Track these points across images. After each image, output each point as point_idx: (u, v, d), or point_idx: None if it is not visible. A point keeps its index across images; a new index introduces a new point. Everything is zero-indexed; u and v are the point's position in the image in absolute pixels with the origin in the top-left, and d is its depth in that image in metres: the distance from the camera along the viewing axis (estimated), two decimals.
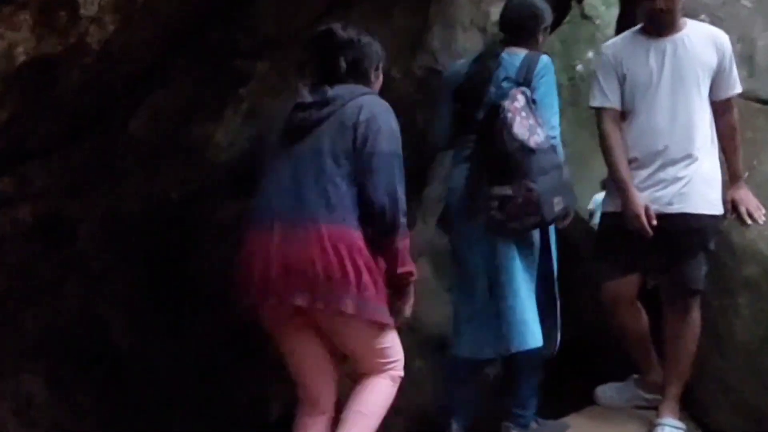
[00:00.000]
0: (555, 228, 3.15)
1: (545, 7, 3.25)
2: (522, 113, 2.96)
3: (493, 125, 2.98)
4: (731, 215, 3.24)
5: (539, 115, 3.02)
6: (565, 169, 3.06)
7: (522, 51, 3.16)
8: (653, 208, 3.09)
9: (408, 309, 2.68)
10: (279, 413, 3.96)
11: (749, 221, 3.22)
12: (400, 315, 2.68)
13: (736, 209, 3.24)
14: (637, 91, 3.18)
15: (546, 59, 3.17)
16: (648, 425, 3.31)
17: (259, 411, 3.97)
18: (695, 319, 3.19)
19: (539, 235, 3.11)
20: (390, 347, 2.68)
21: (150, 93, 3.20)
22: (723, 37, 3.22)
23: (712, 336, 3.24)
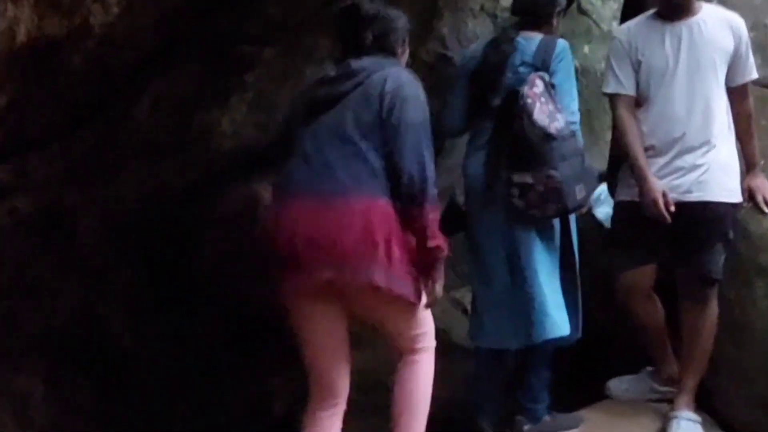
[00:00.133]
0: (575, 215, 3.11)
1: None
2: (541, 99, 2.92)
3: (512, 111, 2.94)
4: (747, 203, 3.21)
5: (558, 101, 2.98)
6: (587, 156, 3.02)
7: (537, 35, 3.13)
8: (671, 196, 3.04)
9: (439, 287, 2.62)
10: (282, 411, 3.91)
11: (766, 209, 3.19)
12: (430, 294, 2.61)
13: (752, 197, 3.20)
14: (653, 78, 3.14)
15: (563, 43, 3.13)
16: (662, 418, 3.26)
17: (262, 409, 3.90)
18: (713, 310, 3.15)
19: (560, 223, 3.07)
20: (422, 318, 2.64)
21: (153, 80, 3.13)
22: (739, 21, 3.18)
23: (728, 327, 3.19)
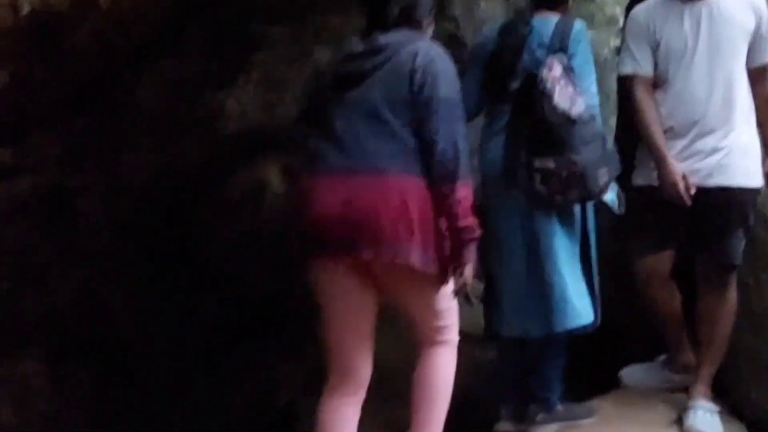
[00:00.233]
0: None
1: None
2: (561, 82, 2.85)
3: (531, 95, 2.87)
4: (767, 188, 3.13)
5: (578, 84, 2.91)
6: (609, 139, 2.96)
7: (554, 16, 3.04)
8: (691, 181, 2.97)
9: (469, 270, 2.56)
10: (286, 401, 3.87)
11: None
12: (461, 276, 2.55)
13: None
14: (672, 58, 3.07)
15: (580, 24, 3.05)
16: (678, 408, 3.20)
17: (266, 398, 3.86)
18: (732, 297, 3.09)
19: (580, 208, 3.01)
20: (448, 309, 2.60)
21: (159, 59, 3.09)
22: (760, 0, 3.10)
23: (746, 314, 3.13)
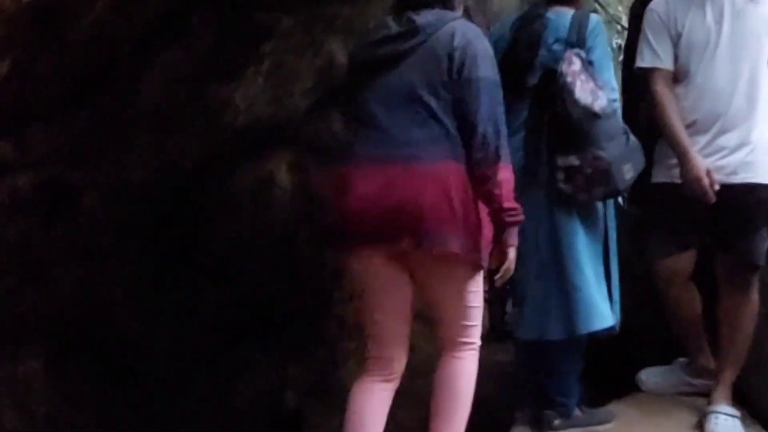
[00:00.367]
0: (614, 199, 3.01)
1: None
2: (581, 77, 2.81)
3: (550, 91, 2.83)
4: None
5: (598, 78, 2.87)
6: (631, 134, 2.90)
7: (569, 10, 3.00)
8: (716, 178, 2.89)
9: (513, 253, 2.52)
10: (295, 403, 3.84)
11: None
12: (505, 260, 2.52)
13: None
14: (694, 51, 3.00)
15: (597, 18, 3.02)
16: (698, 413, 3.12)
17: (274, 400, 3.83)
18: (754, 298, 3.02)
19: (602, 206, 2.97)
20: (477, 308, 2.56)
21: (164, 50, 3.01)
22: None
23: (766, 316, 3.07)
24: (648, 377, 3.31)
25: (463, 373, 2.54)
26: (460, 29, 2.47)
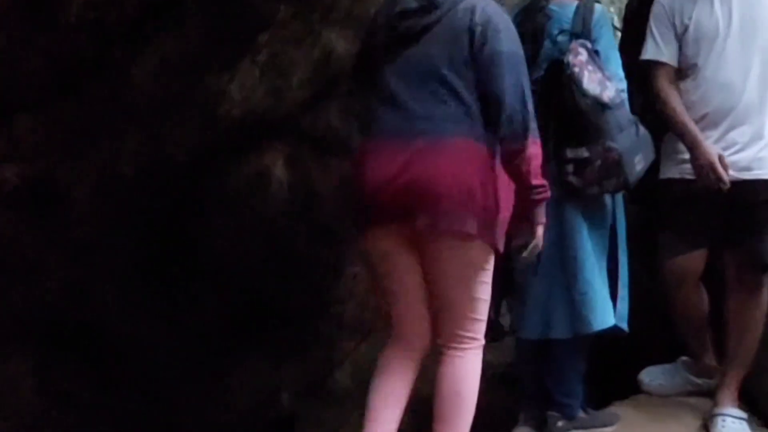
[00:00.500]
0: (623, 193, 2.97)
1: None
2: (588, 67, 2.80)
3: (557, 83, 2.81)
4: None
5: (605, 68, 2.85)
6: (640, 125, 2.86)
7: (572, 1, 3.00)
8: (729, 173, 2.87)
9: (541, 231, 2.47)
10: (289, 404, 3.77)
11: None
12: (533, 238, 2.47)
13: None
14: (703, 43, 2.97)
15: (601, 8, 3.01)
16: (703, 415, 3.11)
17: (269, 401, 3.74)
18: (763, 300, 3.00)
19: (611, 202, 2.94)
20: (484, 301, 2.50)
21: (157, 38, 2.91)
22: None
23: None
24: (651, 378, 3.29)
25: (467, 374, 2.47)
26: (479, 4, 2.44)
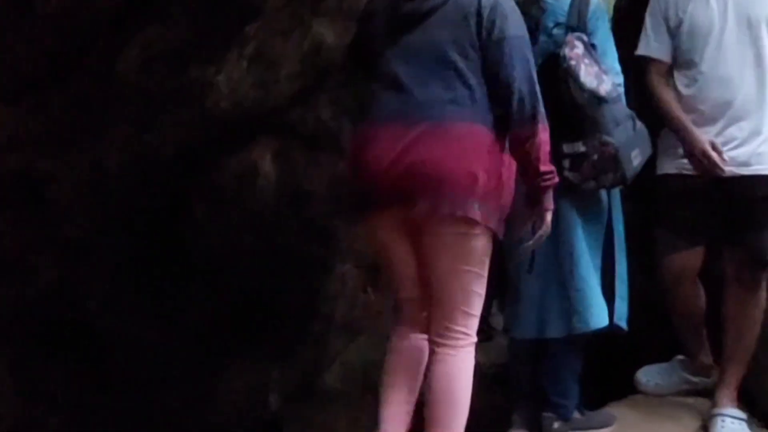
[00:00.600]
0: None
1: None
2: (585, 60, 2.77)
3: (553, 76, 2.76)
4: None
5: (602, 62, 2.83)
6: (637, 119, 2.85)
7: None
8: (727, 169, 2.86)
9: (549, 217, 2.45)
10: (279, 404, 3.72)
11: None
12: (540, 225, 2.45)
13: None
14: (698, 38, 2.96)
15: (597, 0, 2.96)
16: (702, 415, 3.06)
17: (257, 402, 3.70)
18: (762, 297, 2.97)
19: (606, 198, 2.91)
20: (479, 296, 2.46)
21: (142, 28, 2.92)
22: None
23: None
24: (647, 378, 3.26)
25: (460, 372, 2.43)
26: None
